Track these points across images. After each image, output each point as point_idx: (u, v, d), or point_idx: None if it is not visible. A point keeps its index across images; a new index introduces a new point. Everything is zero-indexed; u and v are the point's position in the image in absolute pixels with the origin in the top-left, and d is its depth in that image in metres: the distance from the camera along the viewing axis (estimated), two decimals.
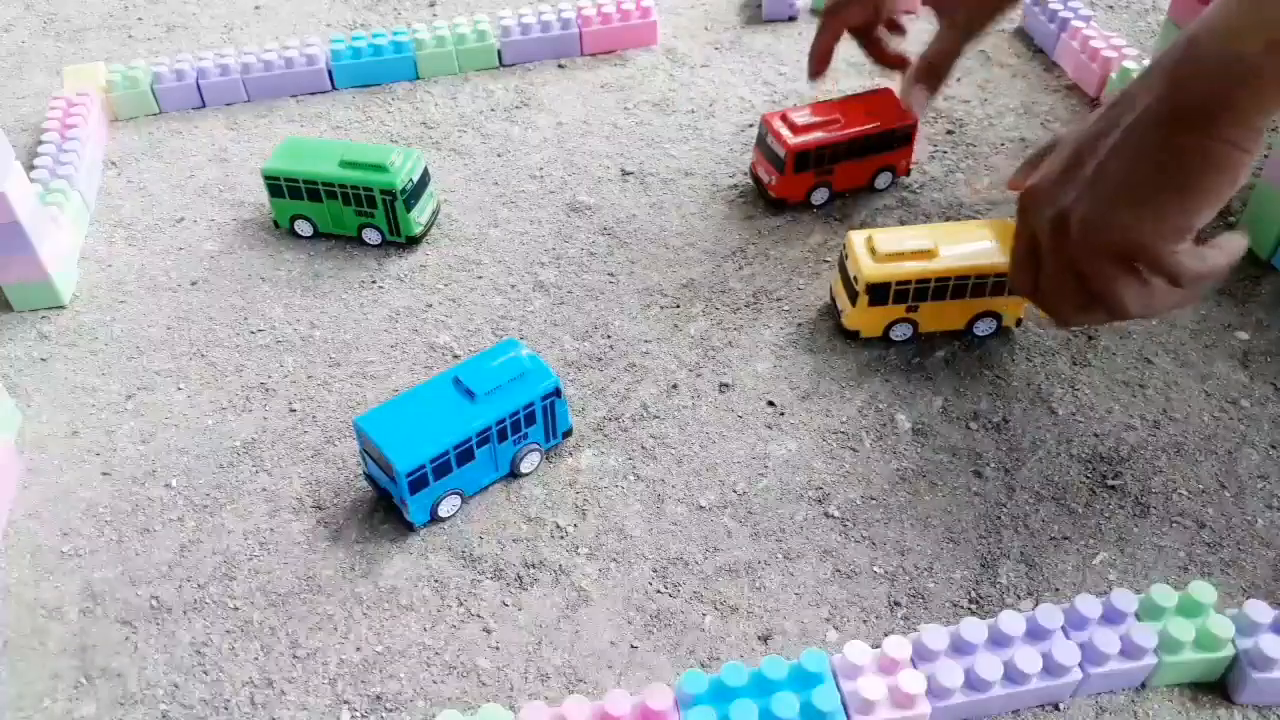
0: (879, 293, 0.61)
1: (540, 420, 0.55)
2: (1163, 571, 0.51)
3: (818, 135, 0.71)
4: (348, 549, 0.53)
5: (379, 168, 0.69)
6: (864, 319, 0.62)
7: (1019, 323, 0.64)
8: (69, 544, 0.54)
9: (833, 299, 0.66)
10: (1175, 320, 0.65)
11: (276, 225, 0.74)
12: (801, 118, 0.72)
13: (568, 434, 0.58)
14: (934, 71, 0.70)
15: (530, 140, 0.83)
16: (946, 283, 0.61)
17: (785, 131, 0.71)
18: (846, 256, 0.63)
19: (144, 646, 0.49)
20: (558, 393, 0.55)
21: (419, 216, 0.72)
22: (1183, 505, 0.54)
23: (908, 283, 0.61)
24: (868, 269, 0.60)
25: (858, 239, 0.62)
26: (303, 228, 0.73)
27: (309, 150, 0.72)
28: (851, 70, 0.90)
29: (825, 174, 0.73)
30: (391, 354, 0.64)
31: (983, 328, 0.63)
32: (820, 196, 0.74)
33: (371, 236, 0.72)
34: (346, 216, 0.71)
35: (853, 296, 0.62)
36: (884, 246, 0.61)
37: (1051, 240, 0.47)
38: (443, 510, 0.54)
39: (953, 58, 0.70)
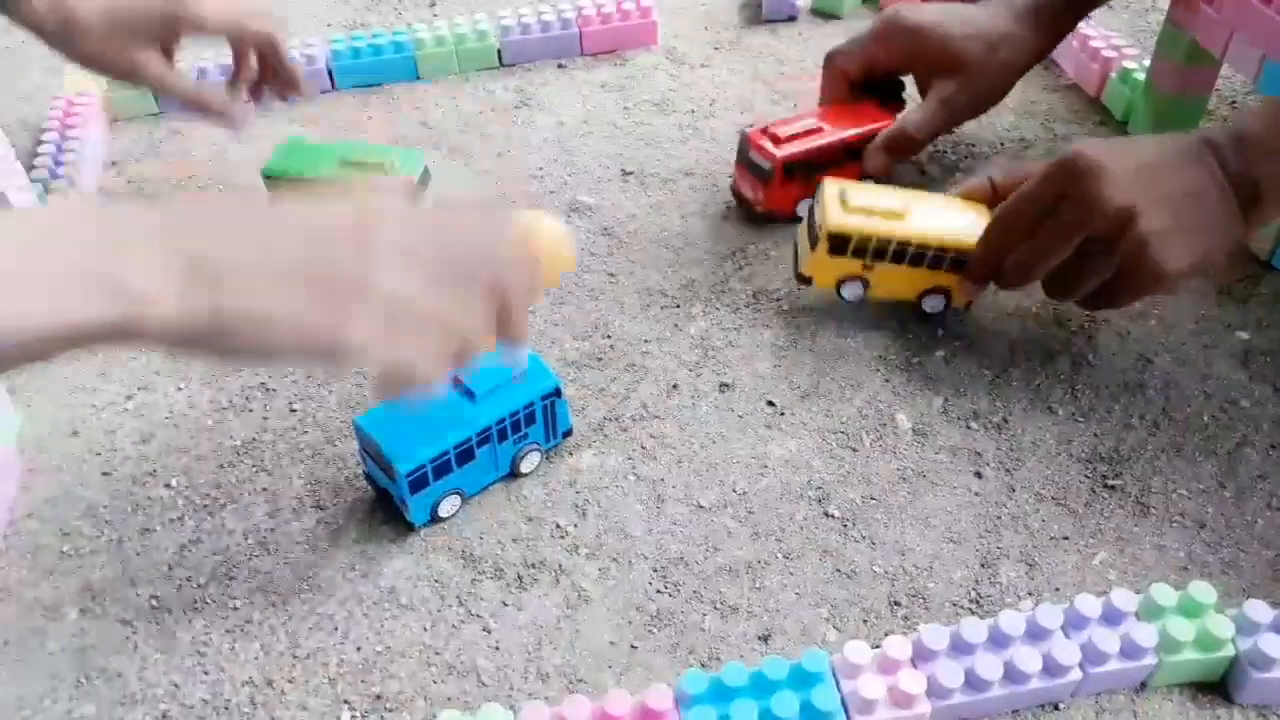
0: (839, 243, 0.61)
1: (540, 420, 0.55)
2: (1163, 571, 0.51)
3: (803, 145, 0.71)
4: (348, 549, 0.53)
5: (380, 168, 0.69)
6: (819, 268, 0.62)
7: (968, 306, 0.64)
8: (69, 544, 0.54)
9: (795, 248, 0.66)
10: (1175, 320, 0.65)
11: None
12: (783, 129, 0.71)
13: (568, 434, 0.58)
14: (909, 147, 0.73)
15: (530, 140, 0.83)
16: (906, 248, 0.61)
17: (768, 144, 0.70)
18: (817, 202, 0.63)
19: (144, 646, 0.49)
20: (558, 393, 0.55)
21: None
22: (1183, 505, 0.54)
23: (868, 239, 0.60)
24: (833, 217, 0.60)
25: (831, 187, 0.62)
26: None
27: (309, 150, 0.72)
28: None
29: (810, 184, 0.71)
30: None
31: (931, 304, 0.63)
32: (806, 207, 0.73)
33: None
34: None
35: (814, 242, 0.62)
36: (855, 199, 0.61)
37: (1100, 224, 0.53)
38: (443, 510, 0.54)
39: (933, 137, 0.73)
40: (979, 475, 0.56)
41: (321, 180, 0.69)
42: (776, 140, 0.70)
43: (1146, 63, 0.79)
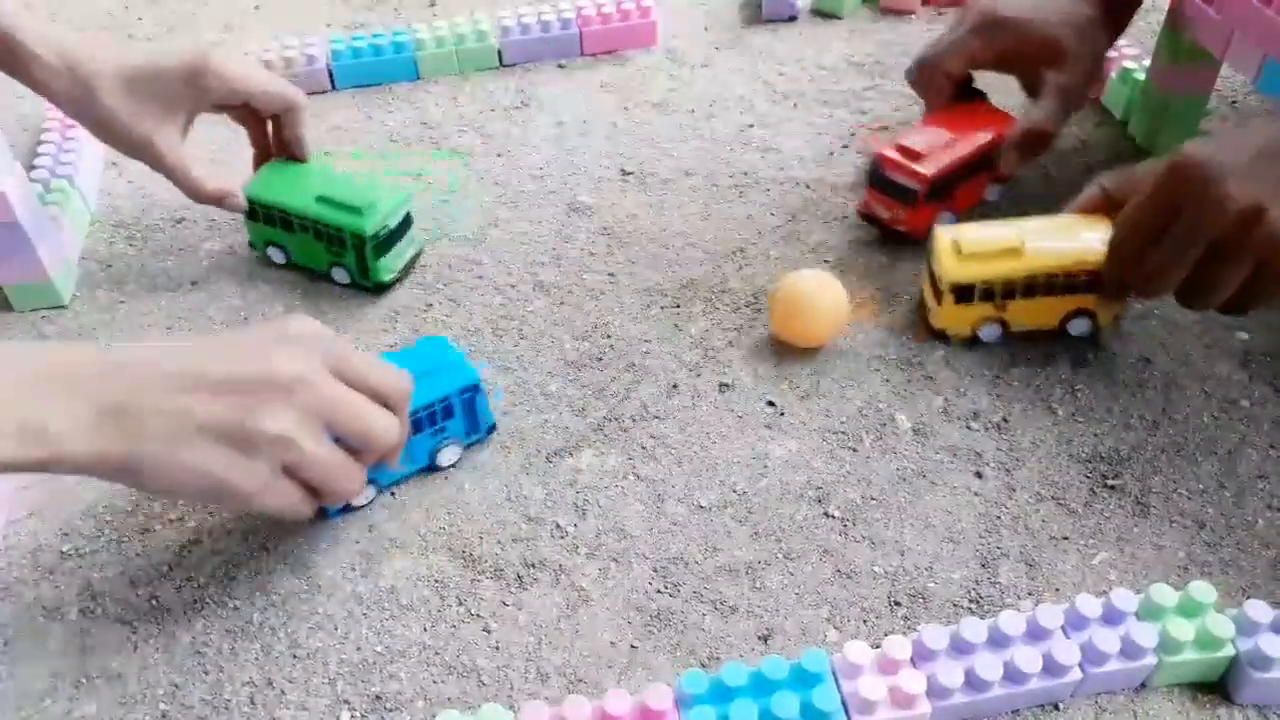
0: (964, 293, 0.60)
1: (459, 414, 0.56)
2: (1163, 571, 0.51)
3: (946, 159, 0.68)
4: (348, 549, 0.53)
5: (355, 209, 0.65)
6: (950, 319, 0.62)
7: (1116, 322, 0.63)
8: (69, 544, 0.54)
9: (921, 299, 0.65)
10: (1175, 320, 0.65)
11: (252, 247, 0.72)
12: (917, 143, 0.68)
13: (492, 429, 0.58)
14: (1045, 142, 0.70)
15: (530, 140, 0.83)
16: (1034, 282, 0.60)
17: (910, 163, 0.67)
18: (931, 255, 0.62)
19: (144, 646, 0.49)
20: (476, 388, 0.56)
21: (393, 263, 0.68)
22: (1183, 505, 0.54)
23: (992, 283, 0.60)
24: (950, 270, 0.60)
25: (944, 237, 0.61)
26: (275, 254, 0.70)
27: (291, 174, 0.69)
28: (852, 70, 0.90)
29: (949, 199, 0.70)
30: None
31: (1077, 327, 0.62)
32: (948, 220, 0.70)
33: (340, 276, 0.69)
34: (318, 252, 0.68)
35: (939, 296, 0.61)
36: (969, 246, 0.60)
37: (1226, 226, 0.50)
38: (357, 500, 0.54)
39: (1062, 128, 0.70)
40: (979, 475, 0.56)
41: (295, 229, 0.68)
42: (917, 157, 0.67)
43: (1146, 63, 0.79)
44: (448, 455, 0.57)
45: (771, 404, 0.60)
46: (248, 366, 0.45)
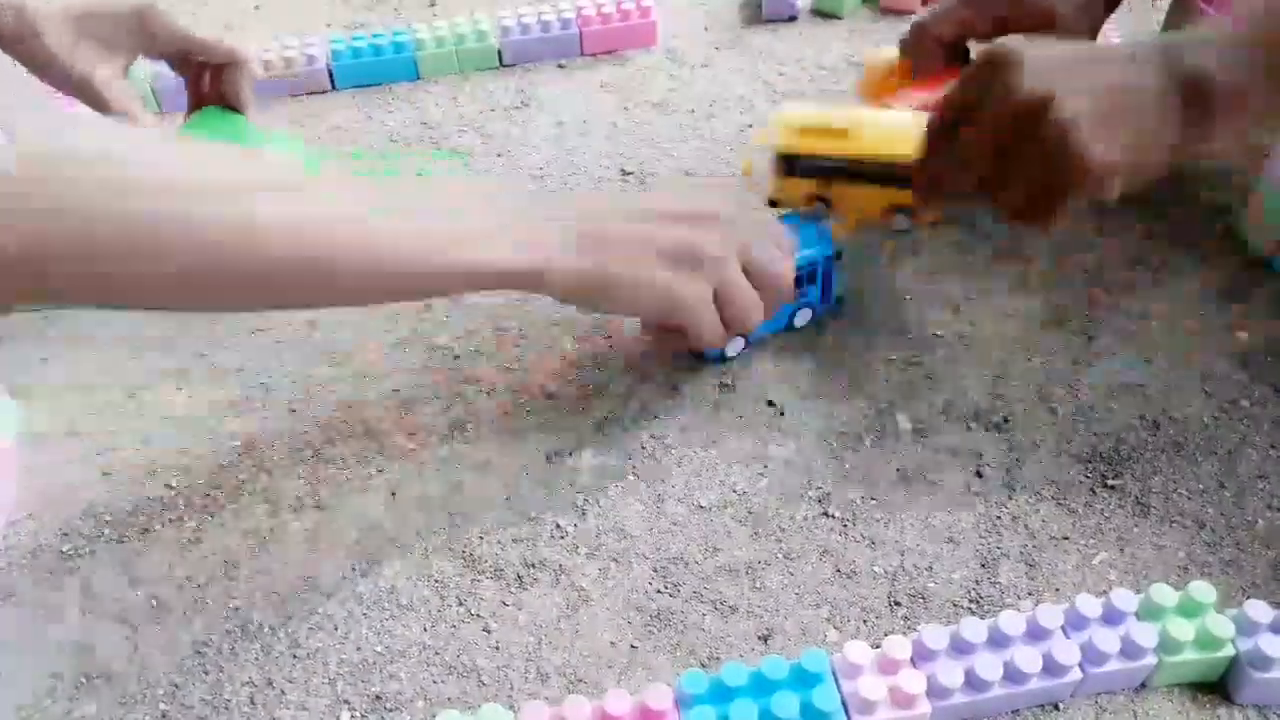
0: (789, 164, 0.62)
1: (820, 281, 0.61)
2: (1163, 571, 0.51)
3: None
4: (348, 549, 0.53)
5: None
6: (779, 189, 0.64)
7: (934, 225, 0.65)
8: (69, 544, 0.54)
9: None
10: (1175, 320, 0.65)
11: None
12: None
13: (840, 301, 0.64)
14: None
15: (530, 140, 0.83)
16: (858, 166, 0.61)
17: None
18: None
19: (144, 646, 0.49)
20: (838, 256, 0.61)
21: None
22: (1183, 505, 0.54)
23: (815, 158, 0.61)
24: (781, 138, 0.62)
25: (787, 108, 0.64)
26: None
27: (215, 125, 0.71)
28: (852, 70, 0.90)
29: None
30: (392, 354, 0.64)
31: (898, 223, 0.65)
32: None
33: None
34: None
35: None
36: (803, 121, 0.62)
37: (1015, 112, 0.50)
38: (730, 350, 0.61)
39: None
40: (979, 475, 0.56)
41: None
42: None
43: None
44: (802, 317, 0.63)
45: (771, 404, 0.60)
46: (688, 203, 0.55)
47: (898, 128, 0.60)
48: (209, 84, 0.72)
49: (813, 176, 0.62)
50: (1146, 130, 0.50)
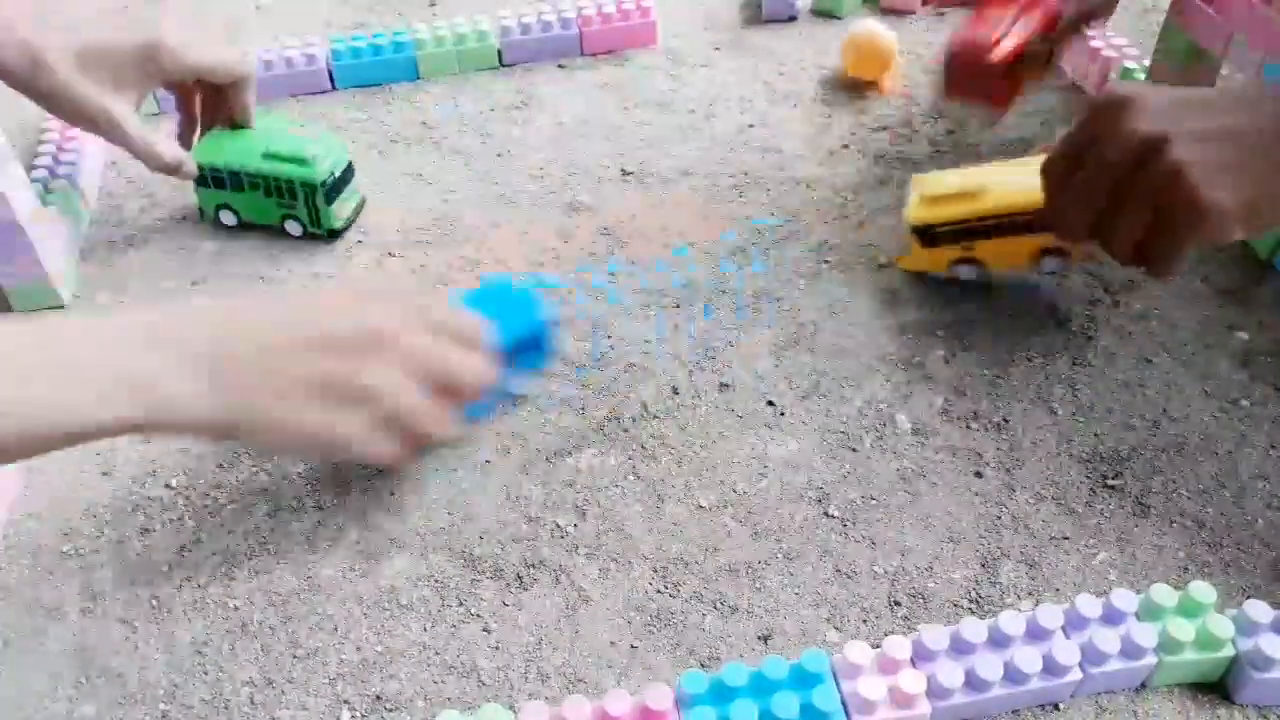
0: (926, 234, 0.64)
1: (531, 348, 0.59)
2: (1163, 571, 0.51)
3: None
4: (348, 549, 0.53)
5: (300, 160, 0.70)
6: (920, 261, 0.66)
7: (1092, 259, 0.65)
8: (69, 544, 0.54)
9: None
10: (1175, 320, 0.65)
11: (202, 215, 0.75)
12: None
13: (555, 358, 0.62)
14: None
15: (530, 140, 0.83)
16: (998, 221, 0.61)
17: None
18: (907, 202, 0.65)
19: (144, 646, 0.49)
20: (547, 324, 0.60)
21: (342, 210, 0.73)
22: (1183, 505, 0.54)
23: (952, 223, 0.62)
24: (914, 212, 0.63)
25: (915, 185, 0.65)
26: (227, 217, 0.74)
27: (230, 141, 0.72)
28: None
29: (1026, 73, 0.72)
30: None
31: (1050, 264, 0.63)
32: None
33: (293, 228, 0.73)
34: (269, 207, 0.72)
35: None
36: (933, 190, 0.63)
37: (1129, 156, 0.50)
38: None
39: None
40: (979, 475, 0.56)
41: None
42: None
43: (1146, 63, 0.79)
44: (521, 385, 0.61)
45: (771, 404, 0.60)
46: (345, 324, 0.48)
47: (1027, 176, 0.59)
48: (206, 104, 0.73)
49: (955, 242, 0.63)
50: (1262, 176, 0.49)
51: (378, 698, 0.47)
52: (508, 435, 0.59)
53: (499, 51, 0.91)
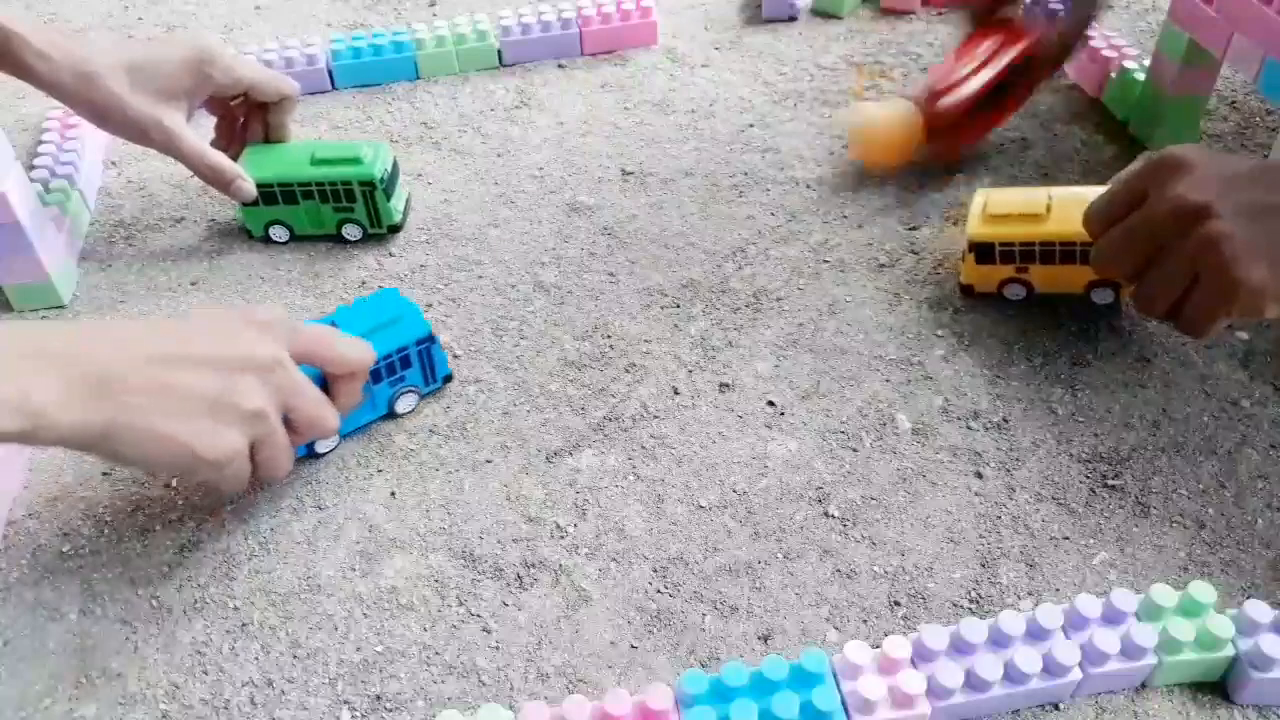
0: (984, 251, 0.63)
1: (416, 364, 0.59)
2: (1163, 571, 0.51)
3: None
4: (348, 549, 0.53)
5: (354, 161, 0.70)
6: (974, 275, 0.65)
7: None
8: (69, 544, 0.54)
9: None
10: None
11: (249, 235, 0.73)
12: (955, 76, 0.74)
13: (448, 379, 0.61)
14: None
15: (530, 140, 0.83)
16: (1055, 246, 0.61)
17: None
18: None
19: (144, 646, 0.49)
20: (431, 339, 0.59)
21: (399, 204, 0.73)
22: (1183, 505, 0.54)
23: (1011, 244, 0.62)
24: (975, 227, 0.63)
25: (978, 197, 0.64)
26: (278, 233, 0.73)
27: (274, 155, 0.72)
28: (852, 70, 0.90)
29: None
30: None
31: (1099, 295, 0.63)
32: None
33: (352, 232, 0.72)
34: (325, 214, 0.71)
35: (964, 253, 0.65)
36: (997, 207, 0.63)
37: (1172, 220, 0.51)
38: (320, 447, 0.57)
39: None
40: (979, 475, 0.56)
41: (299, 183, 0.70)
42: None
43: (1146, 63, 0.79)
44: (405, 403, 0.60)
45: (771, 404, 0.60)
46: (226, 345, 0.48)
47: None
48: (246, 119, 0.74)
49: (1010, 262, 0.63)
50: None
51: (378, 698, 0.47)
52: (508, 435, 0.59)
53: (499, 51, 0.91)
